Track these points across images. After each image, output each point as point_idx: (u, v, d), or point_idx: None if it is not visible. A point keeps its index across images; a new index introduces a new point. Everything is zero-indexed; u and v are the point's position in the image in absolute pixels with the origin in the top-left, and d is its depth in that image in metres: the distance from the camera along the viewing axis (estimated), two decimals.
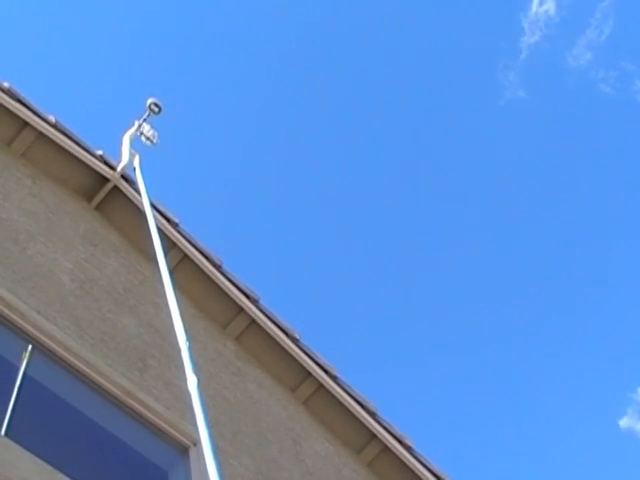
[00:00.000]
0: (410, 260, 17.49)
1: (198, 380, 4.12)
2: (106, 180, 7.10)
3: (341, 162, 17.36)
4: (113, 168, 7.15)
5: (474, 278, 17.38)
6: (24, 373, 5.02)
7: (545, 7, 16.70)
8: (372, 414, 7.43)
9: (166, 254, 7.11)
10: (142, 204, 6.65)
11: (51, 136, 6.86)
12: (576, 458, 17.26)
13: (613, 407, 18.04)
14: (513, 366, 17.64)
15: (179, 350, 6.48)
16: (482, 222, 17.63)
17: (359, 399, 7.43)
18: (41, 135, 6.84)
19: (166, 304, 6.78)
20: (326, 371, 7.38)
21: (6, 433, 4.48)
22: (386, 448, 7.44)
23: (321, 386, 7.35)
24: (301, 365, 7.32)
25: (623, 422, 17.26)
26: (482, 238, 17.51)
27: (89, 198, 7.08)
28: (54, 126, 6.89)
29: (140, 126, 7.72)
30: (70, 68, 16.11)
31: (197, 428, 5.77)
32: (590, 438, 17.49)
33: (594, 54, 17.06)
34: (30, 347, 5.24)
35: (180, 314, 4.84)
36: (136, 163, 7.25)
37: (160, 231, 7.07)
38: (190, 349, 4.40)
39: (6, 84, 6.76)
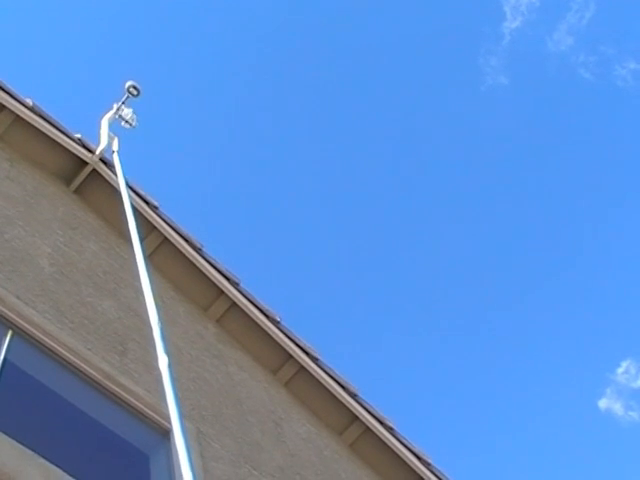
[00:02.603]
0: (391, 243, 17.52)
1: (169, 360, 4.12)
2: (85, 163, 7.07)
3: (323, 148, 17.34)
4: (92, 151, 7.12)
5: (452, 258, 17.44)
6: (4, 359, 5.00)
7: None
8: (353, 396, 7.45)
9: (146, 237, 7.11)
10: (126, 190, 6.62)
11: (29, 119, 6.82)
12: (555, 439, 17.40)
13: (592, 388, 18.20)
14: (492, 346, 17.74)
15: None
16: (464, 208, 17.67)
17: (340, 381, 7.45)
18: (18, 118, 6.79)
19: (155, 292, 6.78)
20: (307, 353, 7.39)
21: None
22: (368, 429, 7.46)
23: (302, 368, 7.36)
24: (282, 347, 7.33)
25: (602, 403, 17.40)
26: (463, 222, 17.54)
27: (68, 181, 7.05)
28: (31, 109, 6.84)
29: (119, 109, 7.68)
30: (48, 51, 16.00)
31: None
32: (569, 419, 17.64)
33: (575, 39, 17.10)
34: (10, 332, 5.22)
35: (153, 294, 4.82)
36: (115, 146, 7.21)
37: (140, 214, 7.05)
38: (162, 329, 4.40)
39: None
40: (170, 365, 4.11)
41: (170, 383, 3.95)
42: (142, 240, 7.05)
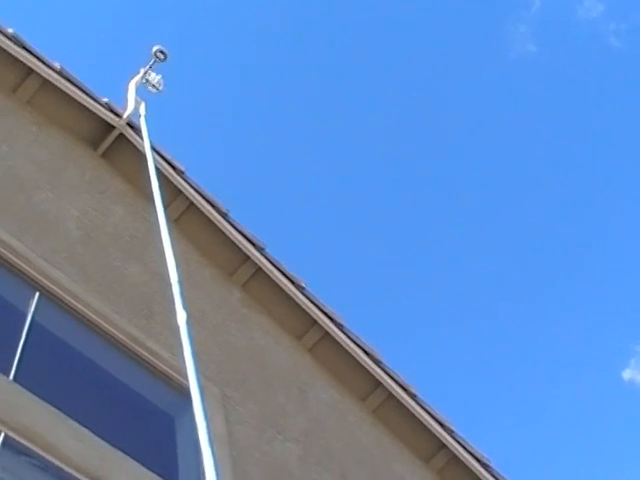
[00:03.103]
0: (419, 213, 17.46)
1: (188, 316, 4.17)
2: (112, 127, 7.08)
3: (348, 114, 17.26)
4: (119, 116, 7.12)
5: (477, 238, 17.36)
6: (32, 320, 5.06)
7: None
8: (377, 362, 7.47)
9: (172, 202, 7.13)
10: (151, 155, 6.63)
11: (56, 83, 6.83)
12: (579, 410, 17.40)
13: (616, 359, 18.15)
14: (517, 318, 17.72)
15: (185, 298, 6.53)
16: (488, 183, 17.58)
17: (365, 347, 7.47)
18: (46, 82, 6.80)
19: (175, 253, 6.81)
20: (332, 319, 7.41)
21: (15, 378, 4.53)
22: (391, 396, 7.49)
23: (327, 334, 7.38)
24: (307, 313, 7.35)
25: (626, 374, 17.37)
26: (487, 201, 17.46)
27: (95, 146, 7.06)
28: (59, 73, 6.85)
29: (146, 73, 7.67)
30: (76, 15, 15.98)
31: (203, 375, 5.82)
32: (593, 390, 17.61)
33: (605, 6, 16.87)
34: (37, 294, 5.27)
35: (174, 253, 4.87)
36: (142, 111, 7.21)
37: (166, 179, 7.06)
38: (181, 285, 4.47)
39: (10, 30, 6.71)
40: (188, 321, 4.16)
41: (188, 339, 4.03)
42: (168, 205, 7.08)
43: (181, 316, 4.20)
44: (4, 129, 6.36)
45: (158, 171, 6.85)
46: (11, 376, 4.52)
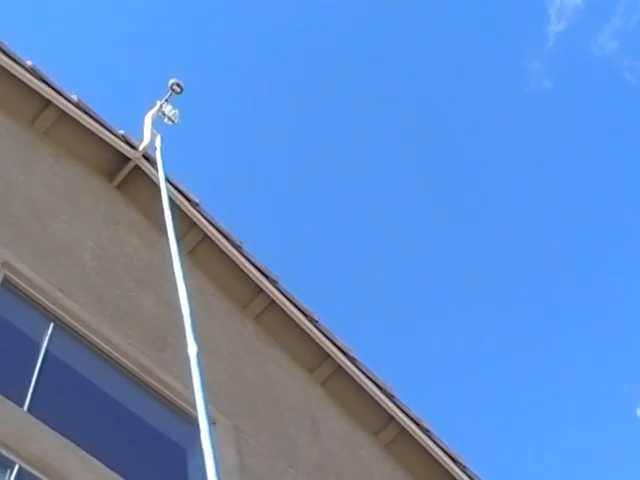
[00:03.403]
0: (429, 246, 17.46)
1: (199, 349, 4.25)
2: (128, 159, 7.13)
3: (360, 144, 17.32)
4: (135, 148, 7.17)
5: (497, 264, 17.34)
6: (46, 350, 5.07)
7: None
8: (390, 396, 7.45)
9: (186, 234, 7.16)
10: (165, 187, 6.67)
11: (74, 115, 6.88)
12: (594, 448, 17.26)
13: (630, 396, 18.02)
14: (530, 357, 17.59)
15: (199, 330, 6.52)
16: (502, 209, 17.57)
17: (377, 381, 7.44)
18: (64, 114, 6.86)
19: (187, 284, 6.82)
20: (344, 353, 7.39)
21: (29, 409, 4.53)
22: (404, 430, 7.45)
23: (339, 367, 7.36)
24: (320, 346, 7.34)
25: None
26: (502, 224, 17.45)
27: (110, 177, 7.11)
28: (77, 105, 6.91)
29: (162, 106, 7.73)
30: (93, 48, 16.13)
31: (216, 408, 5.81)
32: (608, 428, 17.46)
33: (620, 42, 16.91)
34: (52, 325, 5.29)
35: (186, 283, 4.91)
36: (157, 143, 7.26)
37: (180, 211, 7.10)
38: (193, 317, 4.51)
39: (29, 63, 6.78)
40: (199, 354, 4.22)
41: (198, 370, 4.06)
42: (183, 237, 7.11)
43: (192, 348, 4.23)
44: (22, 160, 6.41)
45: (173, 203, 6.90)
46: (25, 407, 4.53)
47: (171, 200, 6.89)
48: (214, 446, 3.64)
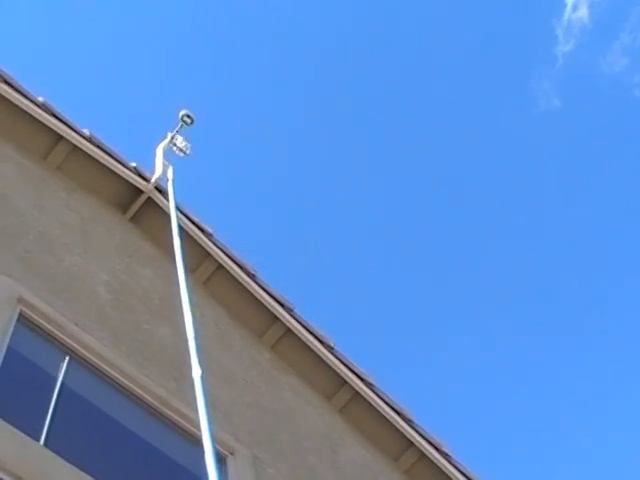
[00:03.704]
0: (447, 266, 17.42)
1: (203, 372, 4.37)
2: (140, 192, 7.16)
3: (371, 169, 17.36)
4: (147, 180, 7.21)
5: (504, 276, 17.28)
6: (62, 384, 5.07)
7: (579, 13, 16.60)
8: (409, 421, 7.41)
9: (200, 264, 7.18)
10: (176, 217, 6.70)
11: (86, 149, 6.93)
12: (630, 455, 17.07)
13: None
14: (555, 377, 17.48)
15: (216, 360, 6.53)
16: (512, 228, 17.55)
17: (395, 406, 7.42)
18: (76, 148, 6.91)
19: (202, 314, 6.83)
20: (362, 379, 7.37)
21: (45, 443, 4.53)
22: (423, 456, 7.41)
23: (357, 394, 7.34)
24: (337, 373, 7.32)
25: None
26: (511, 241, 17.41)
27: (124, 209, 7.14)
28: (89, 139, 6.96)
29: (173, 137, 7.77)
30: (103, 82, 16.27)
31: (234, 437, 5.80)
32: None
33: (629, 59, 16.93)
34: (67, 358, 5.29)
35: (191, 306, 4.96)
36: (169, 175, 7.30)
37: (194, 242, 7.12)
38: (198, 341, 4.57)
39: (41, 99, 6.84)
40: (203, 377, 4.32)
41: (202, 393, 4.11)
42: (197, 267, 7.13)
43: (196, 371, 4.33)
44: (35, 195, 6.45)
45: (186, 233, 6.92)
46: (42, 441, 4.52)
47: (184, 231, 6.92)
48: (218, 466, 3.73)
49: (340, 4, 17.23)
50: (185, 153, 7.74)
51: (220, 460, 5.68)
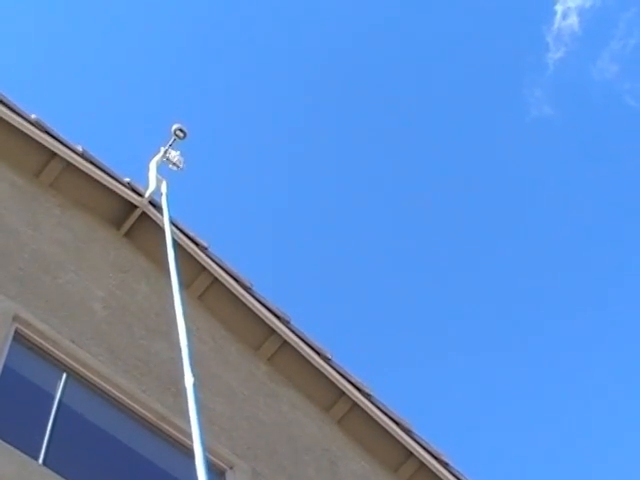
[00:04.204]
0: (445, 278, 17.43)
1: (194, 380, 4.46)
2: (134, 207, 7.15)
3: (368, 182, 17.38)
4: (141, 195, 7.20)
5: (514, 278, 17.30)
6: (59, 401, 5.06)
7: (569, 21, 16.65)
8: (408, 431, 7.40)
9: (196, 278, 7.17)
10: (171, 230, 6.70)
11: (79, 165, 6.92)
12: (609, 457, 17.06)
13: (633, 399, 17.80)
14: (555, 387, 17.46)
15: (213, 374, 6.53)
16: (506, 231, 17.58)
17: (394, 417, 7.40)
18: (69, 165, 6.90)
19: (198, 328, 6.82)
20: (360, 390, 7.36)
21: (44, 462, 4.52)
22: (423, 465, 7.40)
23: (355, 405, 7.33)
24: (334, 384, 7.31)
25: None
26: (505, 244, 17.44)
27: (118, 225, 7.13)
28: (82, 155, 6.95)
29: (166, 152, 7.76)
30: (95, 97, 16.26)
31: (232, 452, 5.79)
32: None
33: (619, 66, 16.97)
34: (65, 375, 5.29)
35: (185, 317, 5.01)
36: (163, 189, 7.29)
37: (189, 255, 7.11)
38: (190, 350, 4.60)
39: (33, 116, 6.84)
40: (195, 385, 4.40)
41: (194, 401, 4.22)
42: (192, 281, 7.12)
43: (189, 379, 4.40)
44: (28, 213, 6.44)
45: (181, 248, 6.91)
46: (40, 460, 4.51)
47: (179, 245, 6.91)
48: (208, 471, 3.87)
49: (330, 13, 17.27)
50: (179, 167, 7.72)
51: (219, 475, 5.67)
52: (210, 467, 5.54)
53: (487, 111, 17.42)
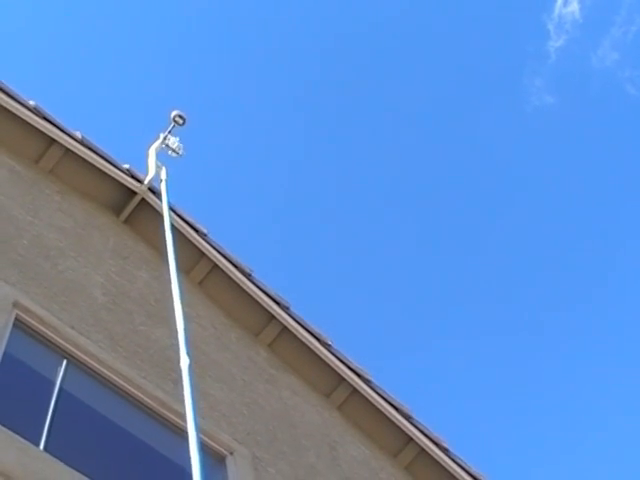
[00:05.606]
0: (444, 263, 17.43)
1: (190, 362, 4.48)
2: (134, 193, 7.15)
3: (368, 170, 17.36)
4: (140, 181, 7.20)
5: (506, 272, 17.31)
6: (60, 388, 5.06)
7: (569, 8, 16.58)
8: (407, 417, 7.42)
9: (195, 264, 7.17)
10: (170, 216, 6.70)
11: (78, 152, 6.92)
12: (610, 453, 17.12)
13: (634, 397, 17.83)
14: (554, 372, 17.50)
15: (213, 360, 6.53)
16: (506, 223, 17.57)
17: (394, 402, 7.42)
18: (68, 151, 6.90)
19: (197, 315, 6.83)
20: (359, 375, 7.37)
21: (45, 448, 4.52)
22: (423, 451, 7.42)
23: (355, 391, 7.34)
24: (334, 370, 7.32)
25: None
26: (506, 238, 17.44)
27: (117, 212, 7.13)
28: (81, 142, 6.94)
29: (165, 138, 7.75)
30: (94, 84, 16.24)
31: (233, 437, 5.80)
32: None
33: (620, 54, 16.93)
34: (65, 362, 5.29)
35: (182, 300, 5.13)
36: (163, 175, 7.29)
37: (189, 242, 7.11)
38: (187, 331, 4.63)
39: (32, 103, 6.83)
40: (191, 366, 4.44)
41: (189, 383, 4.25)
42: (192, 268, 7.13)
43: (184, 361, 4.44)
44: (28, 199, 6.43)
45: (181, 234, 6.91)
46: (41, 445, 4.52)
47: (179, 231, 6.92)
48: (201, 451, 3.83)
49: (328, 7, 17.23)
50: (178, 154, 7.72)
51: (219, 460, 5.68)
52: (203, 447, 5.57)
53: (488, 101, 17.40)
